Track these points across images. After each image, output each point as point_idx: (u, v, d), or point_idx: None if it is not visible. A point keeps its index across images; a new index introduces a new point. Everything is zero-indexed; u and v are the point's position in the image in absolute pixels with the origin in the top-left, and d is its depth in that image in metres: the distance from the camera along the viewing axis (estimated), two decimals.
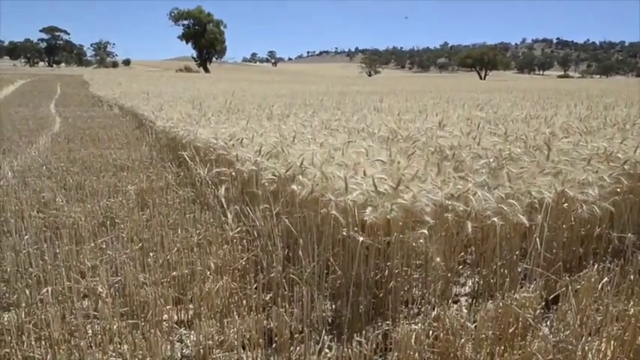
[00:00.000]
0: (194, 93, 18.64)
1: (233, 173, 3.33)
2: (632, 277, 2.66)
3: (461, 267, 2.89)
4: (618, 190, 2.77)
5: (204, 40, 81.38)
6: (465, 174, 2.98)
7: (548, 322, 2.40)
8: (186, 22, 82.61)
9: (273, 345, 2.07)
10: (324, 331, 2.07)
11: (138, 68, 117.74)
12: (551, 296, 2.53)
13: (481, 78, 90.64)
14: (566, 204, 2.68)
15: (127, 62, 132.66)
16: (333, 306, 2.34)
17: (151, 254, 2.67)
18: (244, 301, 2.28)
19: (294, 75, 76.24)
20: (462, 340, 1.96)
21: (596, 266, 2.45)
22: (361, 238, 2.03)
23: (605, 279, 2.44)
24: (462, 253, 2.69)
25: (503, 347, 2.04)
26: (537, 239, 2.32)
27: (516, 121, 6.03)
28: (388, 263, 2.27)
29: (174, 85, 27.30)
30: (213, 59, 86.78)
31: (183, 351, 2.13)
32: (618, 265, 2.50)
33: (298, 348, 1.98)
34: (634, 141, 3.86)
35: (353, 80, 60.82)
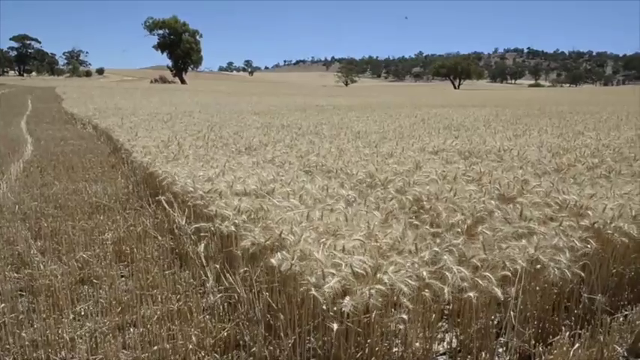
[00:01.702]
0: (170, 109, 18.52)
1: (212, 228, 3.33)
2: (601, 337, 2.76)
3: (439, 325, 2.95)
4: (587, 251, 2.87)
5: (180, 49, 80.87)
6: (442, 232, 3.07)
7: None
8: (161, 31, 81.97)
9: None
10: None
11: (112, 77, 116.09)
12: None
13: (455, 87, 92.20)
14: (539, 265, 2.77)
15: (100, 71, 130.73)
16: None
17: (131, 329, 2.65)
18: None
19: (271, 85, 76.22)
20: None
21: (567, 333, 2.53)
22: (336, 326, 2.07)
23: (577, 345, 2.53)
24: (440, 324, 2.75)
25: None
26: (511, 312, 2.39)
27: (490, 154, 6.18)
28: (368, 340, 2.31)
29: (150, 99, 27.06)
30: (189, 69, 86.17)
31: None
32: (588, 330, 2.59)
33: None
34: (603, 189, 4.01)
35: (330, 90, 61.26)
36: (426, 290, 2.31)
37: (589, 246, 2.93)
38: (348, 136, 8.67)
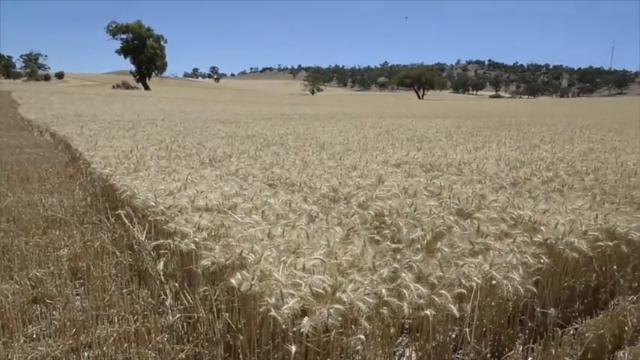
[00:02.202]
0: (132, 116, 18.12)
1: (172, 246, 3.28)
2: (553, 350, 2.87)
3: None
4: (540, 266, 2.98)
5: (144, 55, 79.41)
6: (403, 247, 3.12)
7: None
8: (124, 36, 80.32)
9: None
10: None
11: (72, 82, 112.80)
12: None
13: (419, 97, 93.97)
14: (494, 281, 2.85)
15: (60, 75, 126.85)
16: None
17: (86, 352, 2.58)
18: None
19: (237, 93, 75.71)
20: None
21: (521, 347, 2.61)
22: (294, 349, 2.08)
23: (530, 359, 2.61)
24: (401, 338, 2.79)
25: None
26: (467, 328, 2.45)
27: (450, 167, 6.33)
28: (328, 359, 2.32)
29: (111, 106, 26.41)
30: (153, 75, 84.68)
31: None
32: (541, 344, 2.68)
33: None
34: (555, 204, 4.17)
35: (297, 99, 61.33)
36: (384, 308, 2.34)
37: (545, 260, 3.04)
38: (313, 147, 8.71)
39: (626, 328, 3.34)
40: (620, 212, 4.09)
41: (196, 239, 3.00)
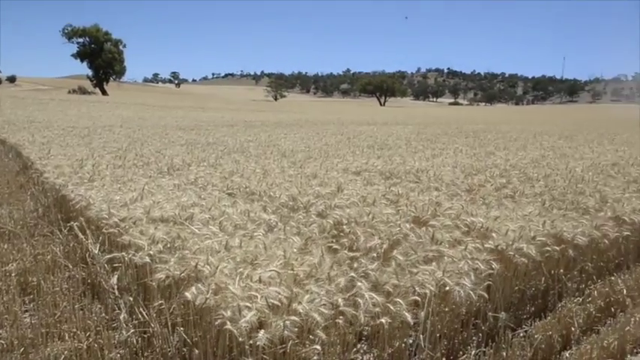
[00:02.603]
0: (88, 123, 17.61)
1: (127, 258, 3.21)
2: (504, 353, 2.97)
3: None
4: (491, 272, 3.08)
5: (101, 59, 77.22)
6: (360, 256, 3.16)
7: None
8: (81, 39, 77.94)
9: None
10: None
11: (25, 86, 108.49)
12: None
13: (381, 104, 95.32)
14: (447, 287, 2.93)
15: (12, 79, 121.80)
16: None
17: None
18: None
19: (198, 98, 74.70)
20: None
21: (473, 351, 2.69)
22: None
23: None
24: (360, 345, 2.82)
25: None
26: (421, 335, 2.51)
27: (409, 175, 6.46)
28: None
29: (66, 112, 25.60)
30: (111, 79, 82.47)
31: None
32: (492, 347, 2.77)
33: None
34: (507, 210, 4.33)
35: (259, 105, 61.02)
36: (341, 317, 2.37)
37: (494, 266, 3.15)
38: (274, 155, 8.71)
39: (573, 329, 3.49)
40: (567, 218, 4.29)
41: (151, 252, 2.95)
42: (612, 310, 3.91)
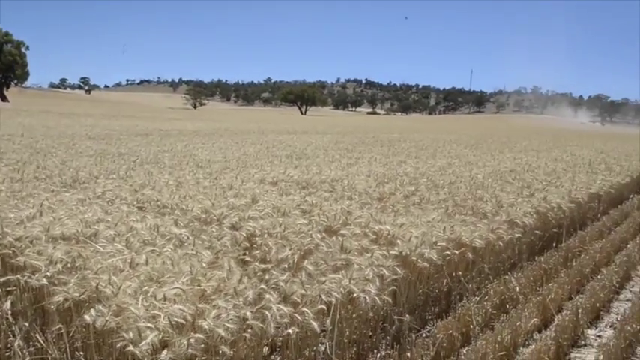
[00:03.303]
0: None
1: (22, 281, 3.00)
2: (409, 354, 3.13)
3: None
4: (396, 277, 3.25)
5: (1, 62, 71.21)
6: (271, 267, 3.20)
7: None
8: None
9: None
10: None
11: None
12: None
13: (302, 113, 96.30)
14: (354, 294, 3.05)
15: None
16: None
17: None
18: None
19: (111, 106, 71.05)
20: None
21: (379, 354, 2.82)
22: None
23: None
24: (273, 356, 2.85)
25: None
26: (328, 343, 2.60)
27: (324, 184, 6.60)
28: None
29: None
30: (12, 85, 76.27)
31: None
32: (397, 349, 2.92)
33: None
34: (413, 217, 4.57)
35: (177, 113, 59.10)
36: (249, 330, 2.39)
37: (399, 272, 3.32)
38: (189, 166, 8.51)
39: (472, 326, 3.77)
40: (466, 223, 4.62)
41: (49, 273, 2.79)
42: (507, 306, 4.27)
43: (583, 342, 4.04)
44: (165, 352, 2.04)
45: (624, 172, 10.65)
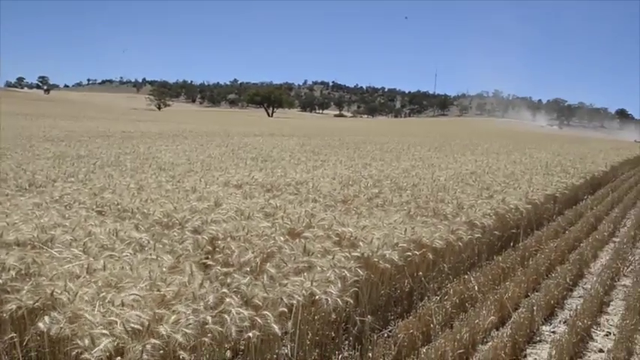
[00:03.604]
0: None
1: None
2: (370, 354, 3.18)
3: None
4: (358, 279, 3.29)
5: None
6: (233, 271, 3.18)
7: None
8: None
9: None
10: None
11: None
12: None
13: (269, 115, 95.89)
14: (316, 296, 3.07)
15: None
16: None
17: None
18: None
19: (71, 106, 68.86)
20: None
21: (340, 355, 2.85)
22: None
23: None
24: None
25: None
26: (290, 346, 2.61)
27: (289, 187, 6.61)
28: None
29: None
30: None
31: None
32: (359, 350, 2.96)
33: None
34: (375, 219, 4.64)
35: (141, 114, 57.81)
36: (209, 335, 2.38)
37: (361, 273, 3.36)
38: (152, 169, 8.37)
39: (432, 325, 3.85)
40: (427, 224, 4.72)
41: (1, 281, 2.70)
42: (466, 305, 4.38)
43: (538, 338, 4.19)
44: (119, 359, 2.01)
45: (579, 173, 11.10)
